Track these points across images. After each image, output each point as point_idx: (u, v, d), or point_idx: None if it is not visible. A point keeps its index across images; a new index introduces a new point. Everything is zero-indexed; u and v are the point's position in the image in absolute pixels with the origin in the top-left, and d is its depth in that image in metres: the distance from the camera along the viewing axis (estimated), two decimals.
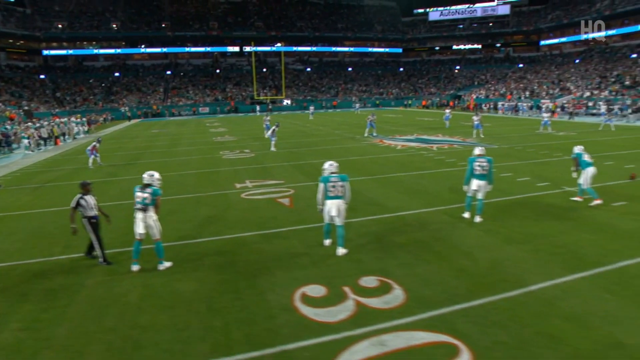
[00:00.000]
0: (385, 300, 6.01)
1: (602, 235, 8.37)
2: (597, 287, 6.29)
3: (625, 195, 11.30)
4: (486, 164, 9.07)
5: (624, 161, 16.14)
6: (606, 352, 4.78)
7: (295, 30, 72.69)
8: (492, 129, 29.61)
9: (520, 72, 64.55)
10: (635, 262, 7.09)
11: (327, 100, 62.09)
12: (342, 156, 18.74)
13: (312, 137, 26.52)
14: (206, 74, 68.96)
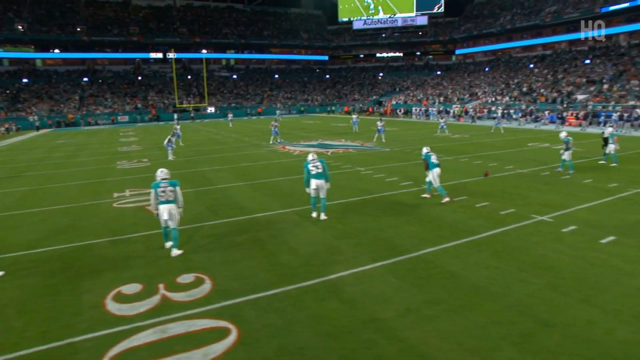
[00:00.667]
0: (190, 294, 6.48)
1: (426, 227, 9.41)
2: (390, 272, 7.15)
3: (470, 191, 12.65)
4: (319, 164, 9.87)
5: (492, 160, 17.89)
6: (358, 326, 5.51)
7: (221, 37, 72.21)
8: (397, 132, 31.34)
9: (438, 79, 68.56)
10: (435, 249, 8.10)
11: (252, 108, 62.23)
12: (235, 163, 19.12)
13: (218, 145, 26.64)
14: (127, 81, 66.55)
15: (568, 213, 10.16)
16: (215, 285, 6.78)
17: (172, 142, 21.29)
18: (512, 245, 8.17)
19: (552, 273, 6.93)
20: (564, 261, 7.39)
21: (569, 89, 45.67)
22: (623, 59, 48.42)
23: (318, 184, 9.91)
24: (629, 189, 12.45)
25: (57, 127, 51.15)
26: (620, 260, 7.36)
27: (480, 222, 9.65)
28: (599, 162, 17.06)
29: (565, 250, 7.87)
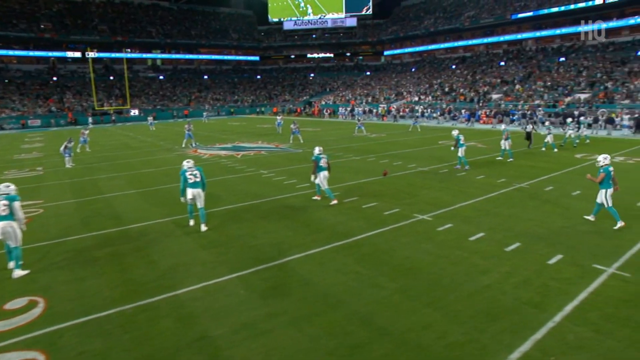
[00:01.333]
0: (12, 322, 5.74)
1: (302, 232, 9.15)
2: (243, 283, 6.80)
3: (364, 191, 12.62)
4: (197, 172, 9.36)
5: (398, 158, 18.14)
6: (182, 347, 5.05)
7: (145, 35, 68.94)
8: (319, 133, 31.29)
9: (367, 79, 69.88)
10: (302, 255, 7.82)
11: (179, 110, 59.93)
12: (137, 169, 18.01)
13: (128, 151, 25.11)
14: (40, 81, 61.60)
15: (450, 211, 10.33)
16: (47, 308, 6.05)
17: (69, 148, 19.67)
18: (382, 248, 8.08)
19: (409, 276, 6.86)
20: (426, 262, 7.38)
21: (485, 88, 48.19)
22: (531, 62, 51.90)
23: (195, 193, 9.37)
24: (514, 183, 13.01)
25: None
26: (479, 257, 7.47)
27: (361, 223, 9.54)
28: (496, 158, 17.83)
29: (432, 250, 7.89)
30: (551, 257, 7.40)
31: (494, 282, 6.55)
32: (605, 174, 8.58)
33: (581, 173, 14.41)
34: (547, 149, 19.83)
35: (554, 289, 6.29)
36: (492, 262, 7.26)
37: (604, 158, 8.73)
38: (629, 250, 7.60)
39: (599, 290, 6.20)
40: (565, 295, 6.09)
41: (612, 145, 21.72)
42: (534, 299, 6.00)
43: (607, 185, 8.61)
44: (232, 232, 9.22)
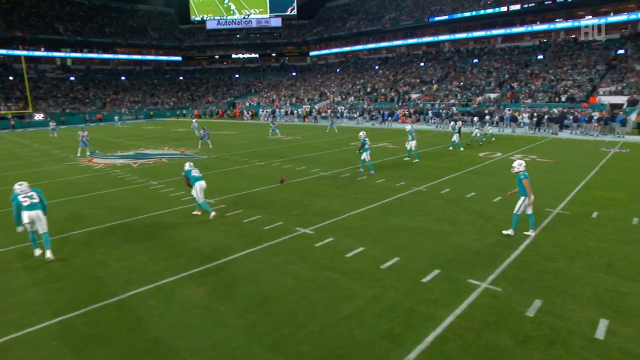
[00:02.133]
0: None
1: (161, 256, 7.94)
2: (61, 332, 5.45)
3: (252, 202, 11.55)
4: (33, 193, 7.85)
5: (303, 162, 17.25)
6: None
7: (51, 32, 63.10)
8: (234, 136, 29.81)
9: (292, 80, 69.10)
10: (148, 288, 6.61)
11: (92, 113, 55.47)
12: (9, 184, 15.64)
13: (10, 161, 22.15)
14: None
15: (337, 222, 9.54)
16: None
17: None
18: (245, 273, 7.05)
19: (263, 309, 5.88)
20: (288, 288, 6.44)
21: (405, 88, 49.16)
22: (448, 63, 53.84)
23: (33, 216, 7.79)
24: (412, 187, 12.57)
25: None
26: (349, 279, 6.69)
27: (233, 242, 8.47)
28: (404, 159, 17.55)
29: (300, 273, 6.98)
30: (427, 273, 6.77)
31: (355, 311, 5.74)
32: (528, 180, 7.98)
33: (481, 172, 14.39)
34: (454, 148, 19.97)
35: (420, 314, 5.59)
36: (361, 285, 6.48)
37: (519, 164, 8.05)
38: (507, 259, 7.17)
39: (466, 312, 5.59)
40: (430, 321, 5.40)
41: (514, 142, 22.46)
42: (394, 330, 5.25)
43: (525, 193, 8.01)
44: (80, 262, 7.76)
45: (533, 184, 12.49)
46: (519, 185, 8.03)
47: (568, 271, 6.67)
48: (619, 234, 8.28)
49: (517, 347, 4.80)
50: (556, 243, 7.83)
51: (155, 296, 6.37)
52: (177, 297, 6.30)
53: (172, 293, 6.45)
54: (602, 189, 11.82)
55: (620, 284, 6.21)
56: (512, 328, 5.18)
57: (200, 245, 8.43)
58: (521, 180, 7.92)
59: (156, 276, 7.07)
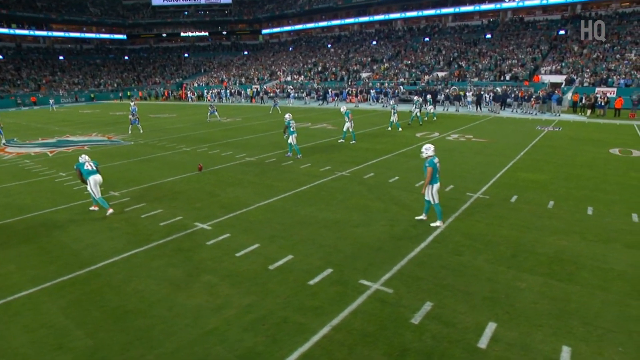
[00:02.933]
0: None
1: (31, 263, 6.90)
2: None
3: (161, 193, 10.57)
4: None
5: (231, 147, 16.24)
6: None
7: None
8: (169, 120, 28.16)
9: (244, 59, 66.81)
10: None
11: (26, 97, 51.48)
12: None
13: None
14: None
15: (241, 214, 8.73)
16: None
17: None
18: (116, 280, 6.16)
19: (119, 325, 5.05)
20: (156, 298, 5.63)
21: (356, 67, 48.40)
22: (400, 41, 53.39)
23: None
24: (336, 172, 11.92)
25: None
26: (228, 284, 5.95)
27: (120, 243, 7.51)
28: (338, 141, 16.88)
29: (177, 277, 6.15)
30: (317, 274, 6.09)
31: (221, 324, 4.98)
32: (432, 169, 7.33)
33: (413, 154, 13.93)
34: (393, 129, 19.49)
35: (293, 326, 4.90)
36: (239, 291, 5.72)
37: (427, 149, 7.45)
38: (409, 254, 6.61)
39: (346, 321, 4.95)
40: (301, 335, 4.72)
41: (455, 121, 22.25)
42: (256, 348, 4.53)
43: (435, 180, 7.45)
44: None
45: (462, 165, 12.18)
46: (425, 172, 7.40)
47: (470, 266, 6.17)
48: (532, 219, 7.92)
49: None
50: (467, 233, 7.35)
51: (2, 314, 5.37)
52: (24, 316, 5.35)
53: (20, 310, 5.48)
54: (527, 170, 11.57)
55: (519, 278, 5.76)
56: (391, 340, 4.58)
57: (82, 247, 7.41)
58: (426, 167, 7.29)
59: (13, 289, 6.05)
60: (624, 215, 8.04)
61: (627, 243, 6.78)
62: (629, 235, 7.07)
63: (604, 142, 15.68)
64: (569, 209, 8.45)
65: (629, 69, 30.57)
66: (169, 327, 4.99)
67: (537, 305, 5.10)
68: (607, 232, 7.23)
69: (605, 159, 12.96)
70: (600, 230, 7.33)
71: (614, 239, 6.97)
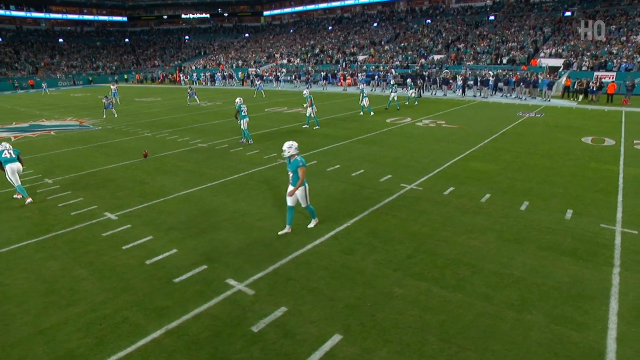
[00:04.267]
0: None
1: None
2: None
3: (93, 180, 10.14)
4: None
5: (192, 133, 15.77)
6: None
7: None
8: (151, 103, 27.73)
9: (243, 42, 65.88)
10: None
11: (22, 79, 51.54)
12: None
13: None
14: None
15: (155, 205, 8.30)
16: None
17: None
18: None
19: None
20: (14, 294, 5.18)
21: (354, 49, 47.28)
22: (401, 23, 51.94)
23: None
24: (278, 159, 11.35)
25: None
26: (94, 281, 5.48)
27: (19, 233, 7.22)
28: (303, 127, 16.31)
29: (52, 272, 5.78)
30: (189, 270, 5.66)
31: (59, 323, 4.67)
32: (305, 168, 6.44)
33: (371, 141, 13.34)
34: (365, 114, 18.80)
35: (129, 327, 4.51)
36: (101, 286, 5.35)
37: (289, 147, 6.47)
38: (297, 251, 6.10)
39: (184, 325, 4.52)
40: (130, 338, 4.34)
41: (436, 106, 21.43)
42: (77, 351, 4.21)
43: (294, 182, 6.52)
44: None
45: (414, 153, 11.51)
46: (293, 172, 6.44)
47: (354, 267, 5.64)
48: (454, 215, 7.32)
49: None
50: (373, 229, 6.78)
51: None
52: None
53: None
54: (480, 160, 10.90)
55: (399, 284, 5.22)
56: (216, 349, 4.11)
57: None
58: (297, 168, 6.38)
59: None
60: (558, 211, 7.40)
61: (542, 244, 6.17)
62: (549, 235, 6.45)
63: (581, 130, 14.84)
64: (503, 203, 7.82)
65: (631, 52, 29.15)
66: (5, 324, 4.59)
67: (401, 316, 4.57)
68: (528, 231, 6.62)
69: (572, 147, 12.20)
70: (522, 228, 6.72)
71: (531, 238, 6.36)
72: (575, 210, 7.39)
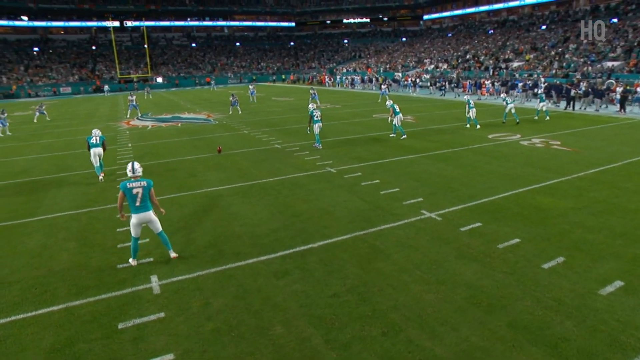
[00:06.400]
0: None
1: None
2: None
3: (158, 170, 11.32)
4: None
5: (284, 134, 16.35)
6: None
7: (178, 3, 69.80)
8: (278, 103, 29.53)
9: (399, 46, 65.46)
10: None
11: (201, 77, 60.51)
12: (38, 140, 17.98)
13: (70, 120, 25.48)
14: (81, 50, 65.22)
15: (180, 197, 8.84)
16: None
17: (2, 119, 19.70)
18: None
19: None
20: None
21: (509, 55, 42.82)
22: (575, 25, 44.91)
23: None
24: (326, 167, 10.95)
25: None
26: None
27: (73, 202, 8.40)
28: (389, 135, 15.49)
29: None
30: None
31: None
32: (123, 194, 5.72)
33: (444, 158, 11.90)
34: (471, 126, 16.86)
35: None
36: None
37: (130, 170, 5.80)
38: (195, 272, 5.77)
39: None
40: None
41: (566, 123, 17.95)
42: None
43: (137, 209, 5.72)
44: None
45: (486, 175, 9.67)
46: (146, 197, 5.74)
47: (267, 294, 5.07)
48: (442, 258, 6.00)
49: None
50: (326, 258, 6.01)
51: None
52: None
53: None
54: (556, 194, 8.71)
55: (287, 324, 4.50)
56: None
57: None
58: (151, 189, 5.81)
59: None
60: (599, 281, 5.45)
61: (534, 337, 4.62)
62: (562, 326, 4.79)
63: None
64: (525, 254, 6.07)
65: None
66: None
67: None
68: (516, 301, 5.03)
69: None
70: (510, 293, 5.14)
71: (510, 310, 4.82)
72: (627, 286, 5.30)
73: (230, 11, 72.97)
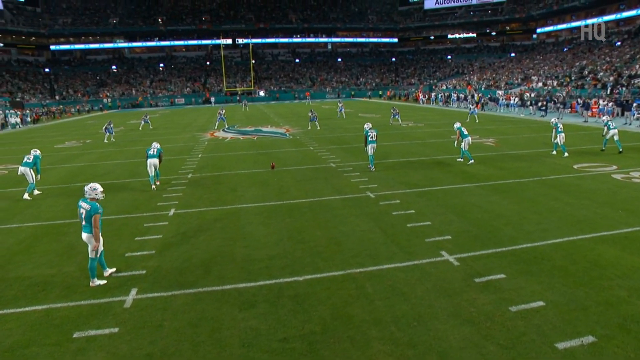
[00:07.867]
0: None
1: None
2: None
3: (201, 181, 11.79)
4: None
5: (349, 153, 16.08)
6: None
7: (285, 22, 73.62)
8: (360, 120, 29.10)
9: (506, 62, 61.21)
10: None
11: (301, 91, 62.71)
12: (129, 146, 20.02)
13: (171, 128, 27.88)
14: (197, 65, 71.97)
15: (207, 211, 9.02)
16: None
17: (109, 128, 22.33)
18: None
19: None
20: None
21: (637, 71, 37.38)
22: None
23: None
24: (367, 191, 10.39)
25: (122, 108, 57.54)
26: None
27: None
28: (457, 159, 14.33)
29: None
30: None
31: None
32: (98, 216, 5.75)
33: (503, 189, 10.58)
34: (558, 153, 14.85)
35: None
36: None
37: (90, 190, 5.95)
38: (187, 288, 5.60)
39: None
40: None
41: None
42: None
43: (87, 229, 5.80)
44: None
45: (546, 214, 8.24)
46: (87, 220, 5.73)
47: (211, 323, 4.79)
48: (427, 311, 5.16)
49: None
50: (299, 295, 5.52)
51: None
52: None
53: None
54: (630, 246, 7.13)
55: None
56: None
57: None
58: (92, 215, 5.69)
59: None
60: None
61: None
62: None
63: None
64: (543, 326, 4.99)
65: None
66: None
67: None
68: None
69: None
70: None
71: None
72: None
73: (333, 28, 74.89)
